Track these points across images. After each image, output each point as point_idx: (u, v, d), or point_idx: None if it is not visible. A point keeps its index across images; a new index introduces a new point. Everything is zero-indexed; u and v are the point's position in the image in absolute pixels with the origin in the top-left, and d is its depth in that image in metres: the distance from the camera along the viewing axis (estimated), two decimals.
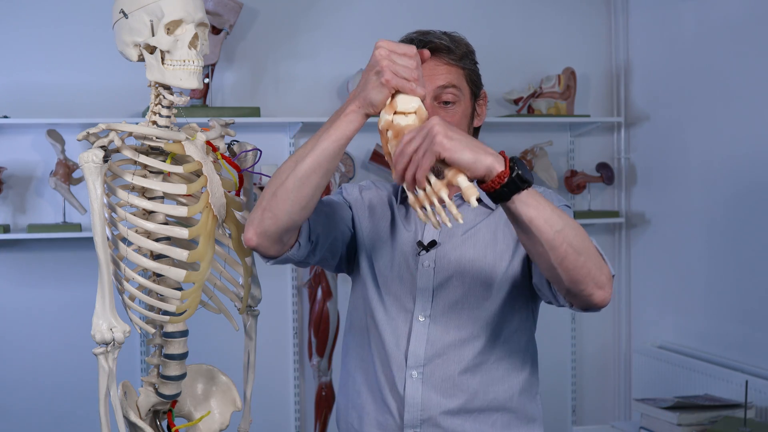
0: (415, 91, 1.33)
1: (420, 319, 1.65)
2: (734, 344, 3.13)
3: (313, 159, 1.42)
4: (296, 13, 3.52)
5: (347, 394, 1.77)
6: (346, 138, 1.41)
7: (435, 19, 3.56)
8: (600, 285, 1.41)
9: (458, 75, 1.64)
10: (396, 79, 1.33)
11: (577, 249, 1.36)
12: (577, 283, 1.39)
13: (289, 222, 1.48)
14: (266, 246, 1.53)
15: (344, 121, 1.40)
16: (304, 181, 1.43)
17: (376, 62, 1.34)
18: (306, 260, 1.64)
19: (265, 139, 3.43)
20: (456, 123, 1.62)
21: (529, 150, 3.64)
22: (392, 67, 1.33)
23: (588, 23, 3.82)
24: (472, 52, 1.69)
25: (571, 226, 1.35)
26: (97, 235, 1.50)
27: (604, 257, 1.42)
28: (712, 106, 3.25)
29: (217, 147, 1.65)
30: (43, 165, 3.27)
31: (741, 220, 3.11)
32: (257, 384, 1.97)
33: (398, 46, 1.35)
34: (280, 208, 1.47)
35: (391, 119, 1.34)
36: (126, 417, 1.60)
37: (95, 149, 1.49)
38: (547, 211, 1.32)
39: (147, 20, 1.50)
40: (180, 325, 1.64)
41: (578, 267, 1.38)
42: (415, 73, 1.34)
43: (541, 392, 1.73)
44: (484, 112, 1.72)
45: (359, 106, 1.38)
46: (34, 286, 3.29)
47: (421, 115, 1.33)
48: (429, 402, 1.63)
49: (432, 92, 1.61)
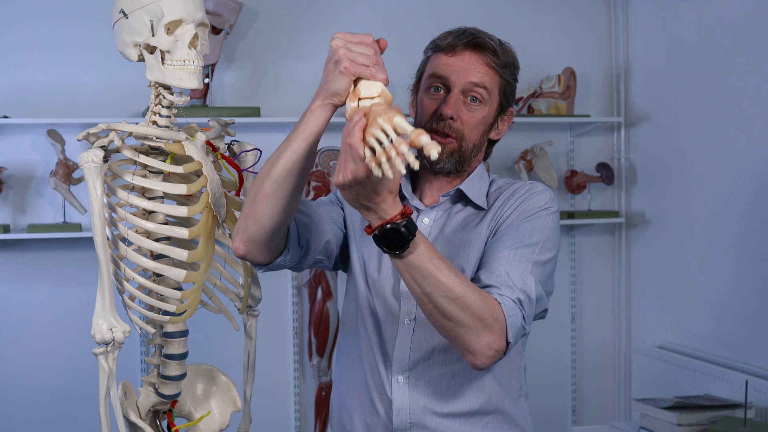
0: (375, 76, 1.33)
1: (405, 323, 1.63)
2: (734, 344, 3.13)
3: (286, 160, 1.41)
4: (296, 13, 3.52)
5: (339, 395, 1.76)
6: (316, 134, 1.40)
7: (435, 19, 3.55)
8: (472, 351, 1.43)
9: (493, 80, 1.63)
10: (354, 66, 1.33)
11: (445, 314, 1.39)
12: (446, 337, 1.45)
13: (272, 226, 1.48)
14: (255, 253, 1.52)
15: (311, 117, 1.40)
16: (280, 183, 1.43)
17: (333, 52, 1.34)
18: (299, 265, 1.63)
19: (265, 139, 3.40)
20: (474, 123, 1.62)
21: (529, 150, 3.64)
22: (349, 54, 1.33)
23: (588, 23, 3.82)
24: (516, 66, 1.67)
25: (445, 291, 1.37)
26: (97, 235, 1.50)
27: (489, 324, 1.41)
28: (712, 106, 3.25)
29: (217, 147, 1.65)
30: (43, 165, 3.26)
31: (741, 220, 3.11)
32: (257, 384, 1.97)
33: (354, 36, 1.35)
34: (262, 213, 1.46)
35: (356, 105, 1.32)
36: (126, 417, 1.60)
37: (95, 149, 1.49)
38: (420, 272, 1.36)
39: (147, 20, 1.50)
40: (180, 325, 1.65)
41: (444, 330, 1.43)
42: (374, 59, 1.34)
43: (541, 392, 1.73)
44: (505, 130, 1.71)
45: (323, 99, 1.38)
46: (34, 286, 3.29)
47: (386, 97, 1.31)
48: (416, 406, 1.62)
49: (462, 85, 1.61)
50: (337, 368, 1.79)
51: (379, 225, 1.32)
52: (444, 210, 1.68)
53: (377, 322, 1.66)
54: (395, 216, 1.32)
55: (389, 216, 1.32)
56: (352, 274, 1.73)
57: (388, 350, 1.64)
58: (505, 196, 1.65)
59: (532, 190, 1.63)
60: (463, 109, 1.61)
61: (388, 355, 1.64)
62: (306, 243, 1.61)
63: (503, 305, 1.44)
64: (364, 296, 1.68)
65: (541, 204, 1.61)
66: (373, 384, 1.66)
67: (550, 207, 1.62)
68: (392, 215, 1.31)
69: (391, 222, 1.32)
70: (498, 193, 1.67)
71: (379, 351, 1.65)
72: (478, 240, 1.62)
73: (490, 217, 1.64)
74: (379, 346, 1.65)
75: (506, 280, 1.48)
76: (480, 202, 1.66)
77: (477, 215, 1.66)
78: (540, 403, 3.15)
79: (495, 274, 1.50)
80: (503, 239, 1.56)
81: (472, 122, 1.62)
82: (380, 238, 1.33)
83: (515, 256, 1.53)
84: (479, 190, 1.67)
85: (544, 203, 1.61)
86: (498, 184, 1.70)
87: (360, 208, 1.33)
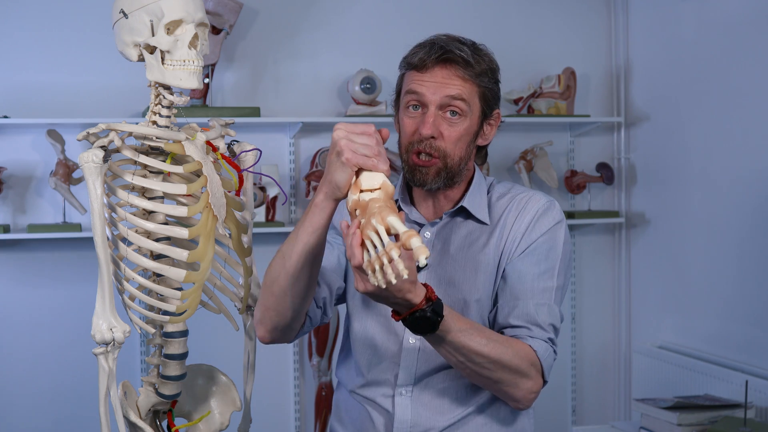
0: (377, 167, 1.33)
1: (411, 341, 1.62)
2: (734, 344, 3.13)
3: (299, 255, 1.45)
4: (296, 13, 3.52)
5: (337, 404, 1.76)
6: (323, 227, 1.43)
7: (435, 19, 3.56)
8: (515, 399, 1.53)
9: (471, 90, 1.58)
10: (356, 157, 1.34)
11: (483, 376, 1.48)
12: (488, 390, 1.55)
13: (294, 314, 1.53)
14: (281, 337, 1.58)
15: (316, 212, 1.42)
16: (297, 276, 1.47)
17: (335, 144, 1.35)
18: (322, 321, 1.67)
19: (265, 139, 3.43)
20: (456, 137, 1.58)
21: (529, 150, 3.64)
22: (351, 146, 1.34)
23: (588, 23, 3.82)
24: (493, 69, 1.63)
25: (481, 359, 1.45)
26: (97, 235, 1.50)
27: (527, 373, 1.50)
28: (712, 105, 3.25)
29: (217, 147, 1.65)
30: (43, 165, 3.26)
31: (741, 220, 3.11)
32: (257, 384, 1.97)
33: (356, 126, 1.36)
34: (282, 306, 1.51)
35: (357, 198, 1.32)
36: (126, 417, 1.60)
37: (95, 149, 1.49)
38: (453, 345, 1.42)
39: (147, 20, 1.50)
40: (180, 325, 1.64)
41: (486, 386, 1.52)
42: (375, 149, 1.35)
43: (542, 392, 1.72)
44: (493, 133, 1.67)
45: (326, 194, 1.40)
46: (34, 286, 3.29)
47: (387, 190, 1.32)
48: (419, 419, 1.61)
49: (438, 101, 1.57)
50: (337, 376, 1.79)
51: (407, 314, 1.36)
52: (445, 223, 1.66)
53: (378, 341, 1.65)
54: (420, 303, 1.35)
55: (415, 304, 1.35)
56: (348, 293, 1.72)
57: (391, 367, 1.63)
58: (510, 212, 1.63)
59: (537, 206, 1.62)
60: (443, 125, 1.58)
61: (391, 372, 1.63)
62: (323, 302, 1.64)
63: (537, 351, 1.51)
64: (366, 311, 1.67)
65: (549, 222, 1.61)
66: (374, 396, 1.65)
67: (559, 220, 1.62)
68: (417, 303, 1.35)
69: (417, 309, 1.35)
70: (501, 207, 1.65)
71: (379, 369, 1.64)
72: (486, 264, 1.61)
73: (496, 237, 1.62)
74: (379, 365, 1.64)
75: (536, 319, 1.54)
76: (482, 216, 1.64)
77: (481, 231, 1.64)
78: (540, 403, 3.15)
79: (524, 312, 1.55)
80: (523, 267, 1.58)
81: (453, 137, 1.58)
82: (410, 324, 1.37)
83: (539, 285, 1.57)
84: (480, 201, 1.65)
85: (552, 219, 1.61)
86: (498, 192, 1.67)
87: (387, 304, 1.37)
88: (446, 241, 1.64)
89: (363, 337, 1.67)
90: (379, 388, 1.64)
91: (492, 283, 1.61)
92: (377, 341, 1.65)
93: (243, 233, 1.68)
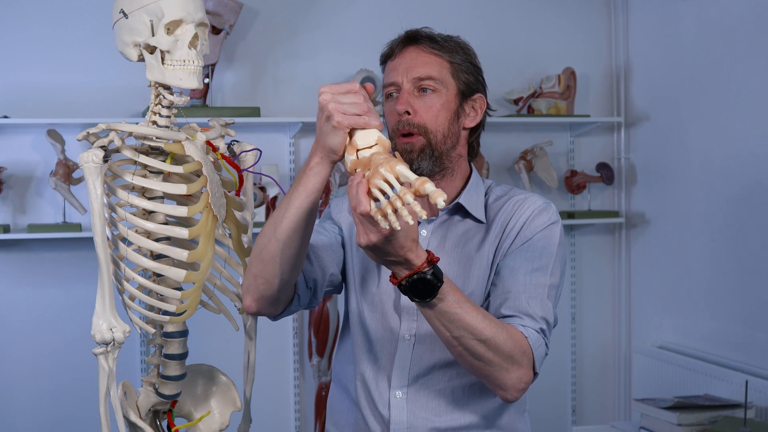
0: (369, 124, 1.32)
1: (406, 338, 1.62)
2: (734, 344, 3.13)
3: (290, 219, 1.42)
4: (296, 13, 3.52)
5: (332, 407, 1.77)
6: (317, 191, 1.41)
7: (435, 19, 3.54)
8: (503, 387, 1.46)
9: (440, 65, 1.61)
10: (347, 118, 1.32)
11: (475, 355, 1.42)
12: (477, 375, 1.49)
13: (282, 283, 1.50)
14: (267, 308, 1.56)
15: (310, 175, 1.40)
16: (287, 243, 1.44)
17: (323, 108, 1.34)
18: (310, 305, 1.65)
19: (265, 139, 3.43)
20: (433, 112, 1.59)
21: (529, 150, 3.64)
22: (339, 108, 1.32)
23: (588, 23, 3.82)
24: (465, 51, 1.65)
25: (475, 334, 1.39)
26: (97, 235, 1.50)
27: (518, 359, 1.44)
28: (712, 105, 3.25)
29: (217, 147, 1.65)
30: (43, 165, 3.27)
31: (741, 220, 3.11)
32: (257, 384, 1.97)
33: (340, 86, 1.35)
34: (271, 273, 1.48)
35: (355, 157, 1.32)
36: (126, 417, 1.60)
37: (95, 149, 1.49)
38: (449, 317, 1.38)
39: (147, 20, 1.50)
40: (180, 325, 1.64)
41: (475, 369, 1.45)
42: (364, 106, 1.33)
43: (541, 392, 1.72)
44: (479, 115, 1.66)
45: (321, 157, 1.38)
46: (34, 286, 3.29)
47: (384, 144, 1.31)
48: (415, 420, 1.60)
49: (409, 80, 1.59)
50: (334, 378, 1.78)
51: (406, 275, 1.33)
52: (441, 221, 1.66)
53: (373, 338, 1.65)
54: (421, 265, 1.32)
55: (415, 266, 1.32)
56: (347, 289, 1.72)
57: (385, 366, 1.63)
58: (506, 212, 1.63)
59: (534, 206, 1.61)
60: (416, 102, 1.59)
61: (386, 371, 1.63)
62: (313, 284, 1.62)
63: (529, 338, 1.47)
64: (363, 309, 1.67)
65: (545, 221, 1.60)
66: (370, 398, 1.65)
67: (554, 221, 1.61)
68: (418, 264, 1.32)
69: (418, 272, 1.32)
70: (497, 207, 1.65)
71: (374, 367, 1.64)
72: (482, 261, 1.61)
73: (493, 236, 1.62)
74: (374, 363, 1.64)
75: (527, 310, 1.51)
76: (479, 215, 1.64)
77: (477, 229, 1.64)
78: (540, 403, 3.15)
79: (515, 303, 1.51)
80: (516, 263, 1.56)
81: (431, 112, 1.59)
82: (408, 288, 1.34)
83: (531, 281, 1.54)
84: (476, 200, 1.65)
85: (547, 219, 1.61)
86: (496, 194, 1.67)
87: (386, 264, 1.34)
88: (443, 238, 1.64)
89: (360, 332, 1.67)
90: (375, 388, 1.64)
91: (485, 278, 1.60)
92: (373, 337, 1.65)
93: (243, 233, 1.68)
